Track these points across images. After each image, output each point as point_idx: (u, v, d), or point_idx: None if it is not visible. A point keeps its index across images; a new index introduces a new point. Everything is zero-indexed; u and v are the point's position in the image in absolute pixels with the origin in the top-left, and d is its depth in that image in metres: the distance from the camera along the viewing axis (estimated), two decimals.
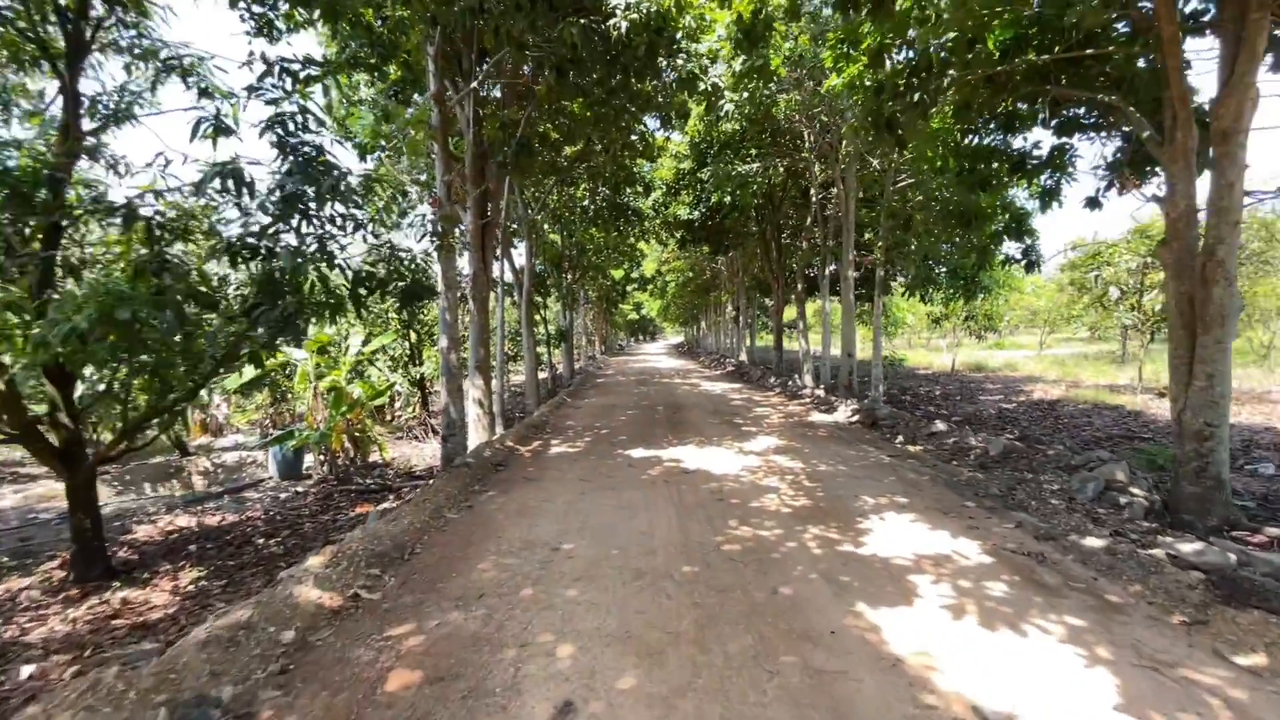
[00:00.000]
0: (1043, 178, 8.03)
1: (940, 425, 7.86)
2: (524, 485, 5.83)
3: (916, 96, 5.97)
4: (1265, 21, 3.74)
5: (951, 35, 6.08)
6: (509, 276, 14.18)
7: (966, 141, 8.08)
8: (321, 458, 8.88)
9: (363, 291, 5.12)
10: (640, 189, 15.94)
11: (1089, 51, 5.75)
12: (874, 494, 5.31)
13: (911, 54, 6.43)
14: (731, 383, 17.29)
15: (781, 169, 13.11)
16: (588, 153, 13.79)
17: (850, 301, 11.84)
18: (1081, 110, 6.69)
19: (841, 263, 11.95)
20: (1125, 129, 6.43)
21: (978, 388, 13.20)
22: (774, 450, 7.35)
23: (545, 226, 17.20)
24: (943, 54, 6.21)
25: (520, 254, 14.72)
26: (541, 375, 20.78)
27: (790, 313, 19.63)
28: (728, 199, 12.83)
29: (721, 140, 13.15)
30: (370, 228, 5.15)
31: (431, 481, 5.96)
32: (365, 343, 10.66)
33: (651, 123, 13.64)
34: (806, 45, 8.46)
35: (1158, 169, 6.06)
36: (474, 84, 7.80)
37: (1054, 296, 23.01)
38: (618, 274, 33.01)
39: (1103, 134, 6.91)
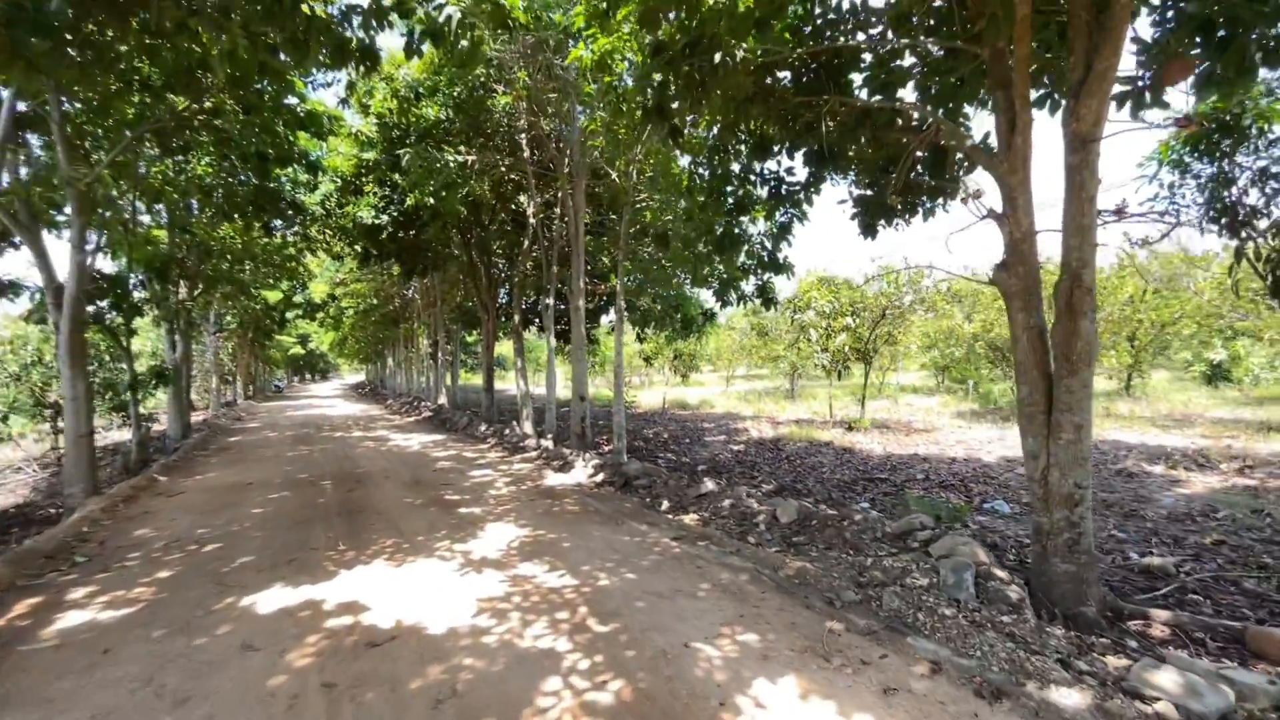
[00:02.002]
0: (779, 214, 7.76)
1: (709, 484, 6.55)
2: None
3: (709, 63, 4.53)
4: (1131, 6, 3.20)
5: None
6: (36, 278, 8.44)
7: (717, 162, 7.27)
8: None
9: None
10: (303, 173, 11.75)
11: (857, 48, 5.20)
12: (704, 631, 3.32)
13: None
14: (432, 433, 13.96)
15: (502, 167, 10.91)
16: (218, 109, 9.39)
17: (581, 335, 10.21)
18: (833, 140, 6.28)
19: (571, 291, 10.29)
20: (878, 165, 6.16)
21: (696, 428, 13.08)
22: (520, 552, 4.84)
23: (139, 212, 11.28)
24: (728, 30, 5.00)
25: (64, 245, 8.93)
26: (123, 436, 13.82)
27: (503, 348, 17.35)
28: (429, 201, 10.01)
29: (421, 127, 10.30)
30: None
31: None
32: None
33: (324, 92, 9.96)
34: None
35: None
36: None
37: (725, 337, 26.41)
38: (273, 296, 25.87)
39: (848, 172, 6.65)
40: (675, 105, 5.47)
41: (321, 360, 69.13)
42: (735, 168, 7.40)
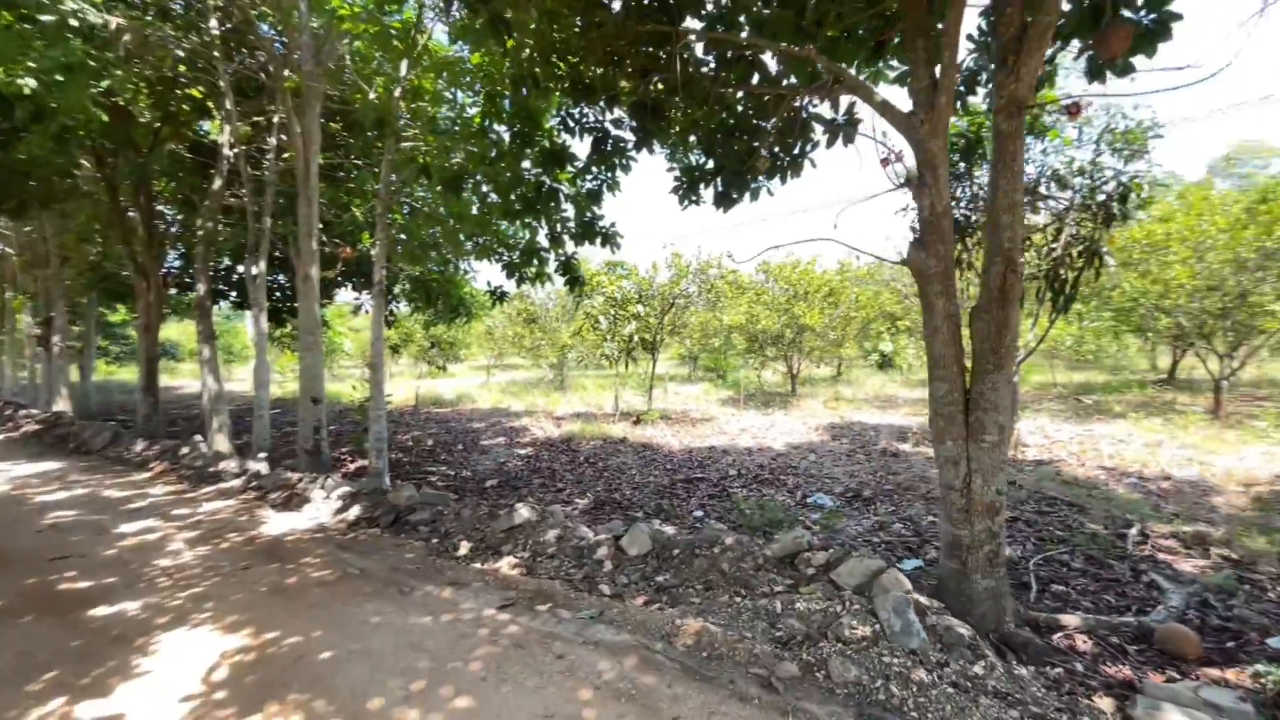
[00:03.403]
0: (589, 178, 6.63)
1: (524, 511, 5.02)
2: None
3: None
4: None
5: None
6: None
7: (525, 98, 5.76)
8: None
9: None
10: None
11: None
12: None
13: None
14: (40, 460, 9.04)
15: (179, 53, 7.39)
16: None
17: (314, 315, 7.46)
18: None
19: (299, 256, 7.46)
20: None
21: (465, 429, 11.06)
22: (237, 693, 2.72)
23: None
24: None
25: None
26: None
27: (180, 332, 12.51)
28: (27, 90, 6.10)
29: None
30: None
31: None
32: None
33: None
34: None
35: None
36: None
37: (478, 324, 24.01)
38: None
39: (674, 137, 5.80)
40: None
41: None
42: (543, 107, 6.01)
